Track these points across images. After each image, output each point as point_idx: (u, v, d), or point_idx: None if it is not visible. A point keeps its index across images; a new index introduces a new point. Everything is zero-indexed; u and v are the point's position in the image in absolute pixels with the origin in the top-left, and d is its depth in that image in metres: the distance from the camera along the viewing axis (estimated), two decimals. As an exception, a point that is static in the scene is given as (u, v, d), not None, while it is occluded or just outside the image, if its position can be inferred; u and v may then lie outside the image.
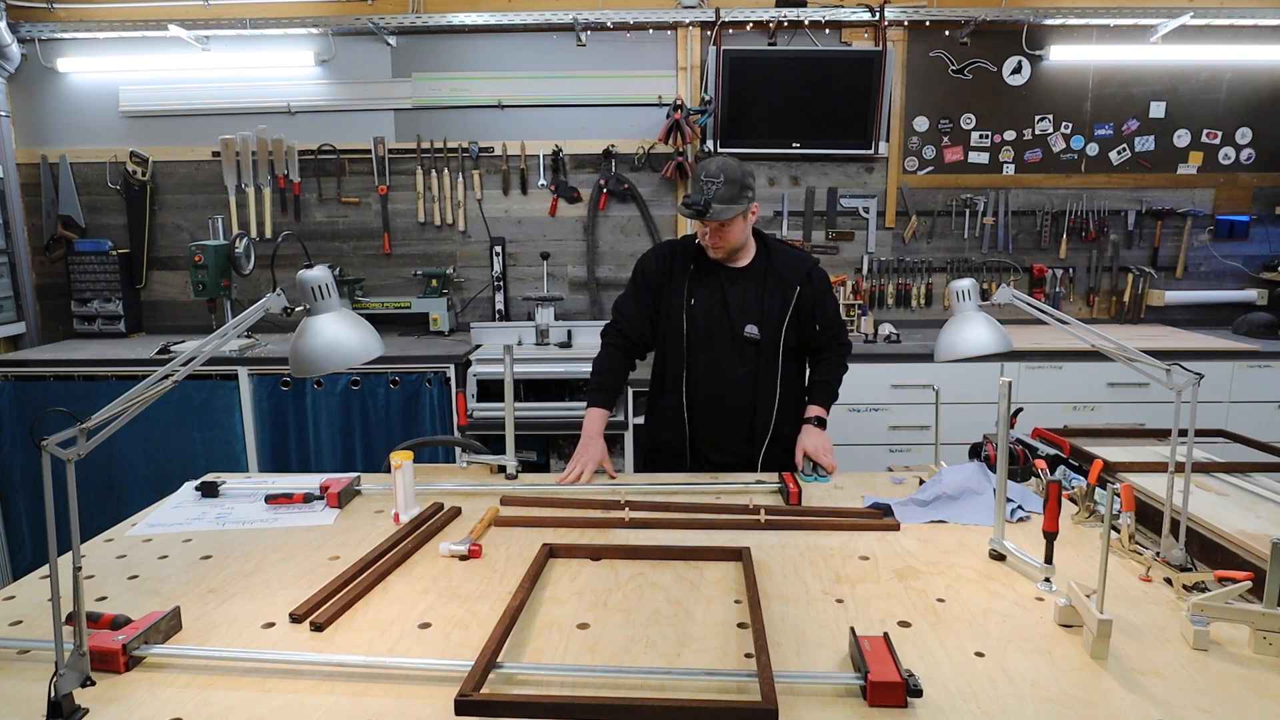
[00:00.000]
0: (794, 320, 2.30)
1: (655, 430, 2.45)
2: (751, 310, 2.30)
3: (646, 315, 2.39)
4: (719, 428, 2.36)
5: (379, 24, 3.95)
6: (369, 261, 4.32)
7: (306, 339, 1.60)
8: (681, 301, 2.31)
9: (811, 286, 2.32)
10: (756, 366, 2.30)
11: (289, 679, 1.26)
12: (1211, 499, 1.80)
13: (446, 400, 3.63)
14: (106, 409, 1.23)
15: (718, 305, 2.30)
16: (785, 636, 1.37)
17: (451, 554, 1.72)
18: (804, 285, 2.30)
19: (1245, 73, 4.12)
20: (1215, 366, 3.56)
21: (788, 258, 2.36)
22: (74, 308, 4.17)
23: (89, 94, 4.19)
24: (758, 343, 2.29)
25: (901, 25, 4.04)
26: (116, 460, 3.61)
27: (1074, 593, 1.38)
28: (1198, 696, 1.19)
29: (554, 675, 1.25)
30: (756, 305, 2.30)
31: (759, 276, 2.32)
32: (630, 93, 4.15)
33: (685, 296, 2.30)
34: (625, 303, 2.43)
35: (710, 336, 2.31)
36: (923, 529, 1.85)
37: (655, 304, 2.38)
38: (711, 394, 2.34)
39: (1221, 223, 4.23)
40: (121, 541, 1.83)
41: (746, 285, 2.31)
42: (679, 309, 2.31)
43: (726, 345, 2.31)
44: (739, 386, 2.32)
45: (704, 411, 2.35)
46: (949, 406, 2.25)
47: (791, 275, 2.30)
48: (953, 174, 4.22)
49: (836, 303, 2.47)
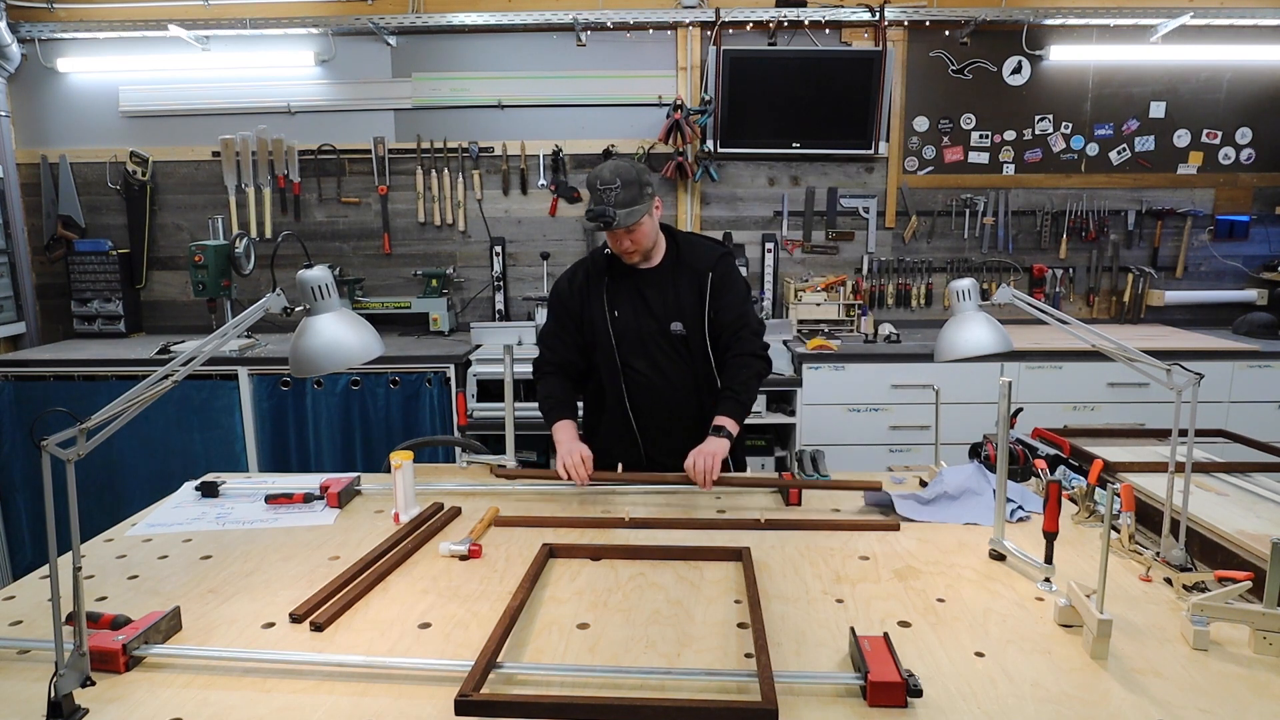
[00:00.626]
0: (713, 308, 2.25)
1: (604, 447, 2.28)
2: (672, 307, 2.26)
3: (573, 342, 2.33)
4: (669, 430, 2.29)
5: (379, 24, 3.95)
6: (369, 261, 4.32)
7: (306, 339, 1.60)
8: (605, 315, 2.26)
9: (720, 273, 2.26)
10: (690, 361, 2.27)
11: (289, 679, 1.26)
12: (1211, 499, 1.80)
13: (446, 400, 3.63)
14: (106, 409, 1.23)
15: (641, 310, 2.26)
16: (785, 636, 1.37)
17: (451, 554, 1.72)
18: (714, 272, 2.24)
19: (1245, 73, 4.12)
20: (1215, 366, 3.56)
21: (697, 248, 2.31)
22: (74, 308, 4.17)
23: (89, 94, 4.19)
24: (686, 338, 2.26)
25: (901, 25, 4.04)
26: (116, 460, 3.61)
27: (1074, 593, 1.38)
28: (1198, 696, 1.19)
29: (554, 675, 1.25)
30: (675, 301, 2.26)
31: (672, 273, 2.28)
32: (630, 93, 4.15)
33: (607, 309, 2.26)
34: (549, 334, 2.37)
35: (641, 343, 2.27)
36: (923, 529, 1.86)
37: (579, 328, 2.32)
38: (655, 399, 2.29)
39: (1221, 223, 4.23)
40: (121, 541, 1.84)
41: (663, 283, 2.27)
42: (603, 323, 2.26)
43: (658, 347, 2.27)
44: (679, 386, 2.28)
45: (651, 418, 2.30)
46: (949, 406, 2.25)
47: (702, 264, 2.26)
48: (953, 174, 4.22)
49: (745, 296, 2.34)
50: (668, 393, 2.29)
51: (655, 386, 2.28)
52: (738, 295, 2.29)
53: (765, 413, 3.67)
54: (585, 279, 2.31)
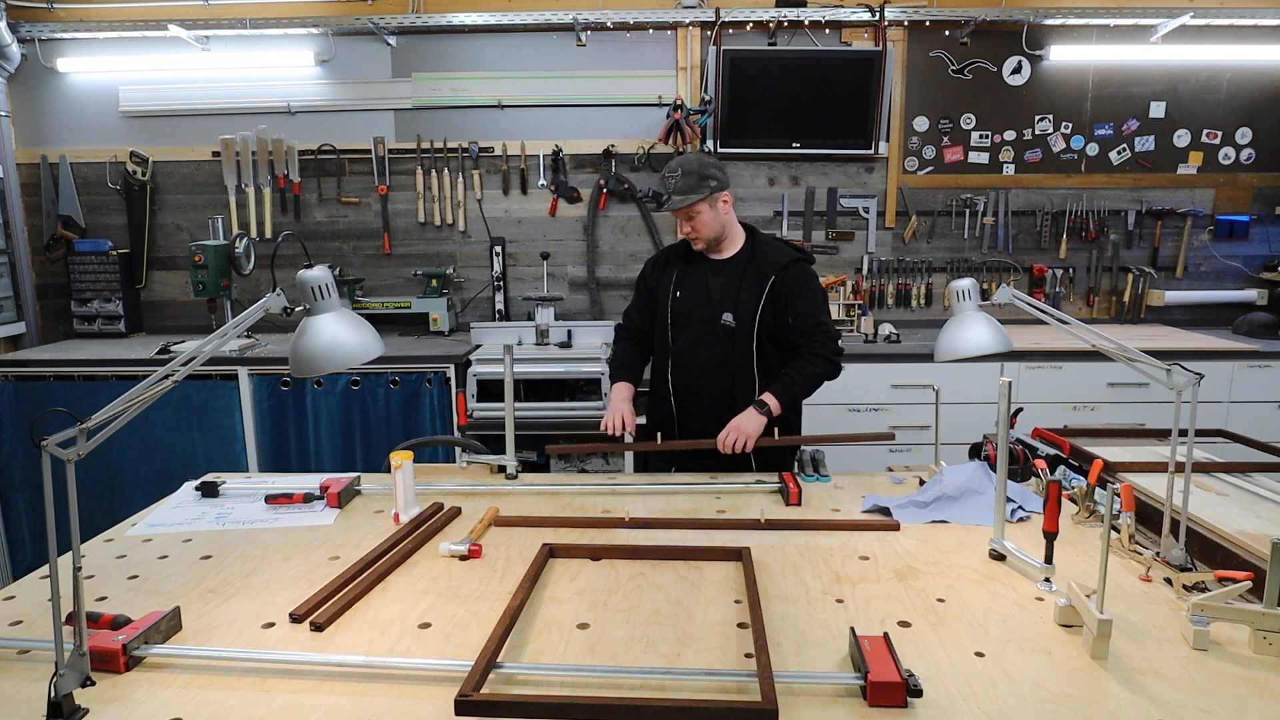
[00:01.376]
0: (770, 309, 2.36)
1: (649, 417, 2.60)
2: (730, 299, 2.39)
3: (647, 316, 2.56)
4: (701, 413, 2.43)
5: (379, 24, 3.95)
6: (369, 261, 4.32)
7: (306, 339, 1.60)
8: (669, 294, 2.46)
9: (788, 278, 2.37)
10: (733, 352, 2.38)
11: (289, 679, 1.26)
12: (1211, 499, 1.80)
13: (446, 400, 3.63)
14: (106, 409, 1.23)
15: (701, 295, 2.42)
16: (785, 636, 1.37)
17: (451, 554, 1.72)
18: (779, 275, 2.36)
19: (1245, 73, 4.12)
20: (1215, 366, 3.56)
21: (772, 250, 2.43)
22: (74, 308, 4.17)
23: (89, 94, 4.19)
24: (733, 330, 2.38)
25: (901, 25, 4.04)
26: (116, 460, 3.61)
27: (1074, 593, 1.38)
28: (1198, 696, 1.19)
29: (554, 675, 1.25)
30: (734, 294, 2.39)
31: (741, 268, 2.41)
32: (630, 93, 4.15)
33: (672, 290, 2.46)
34: (630, 305, 2.64)
35: (691, 325, 2.43)
36: (923, 529, 1.86)
37: (651, 302, 2.54)
38: (693, 379, 2.45)
39: (1221, 223, 4.23)
40: (121, 541, 1.84)
41: (729, 276, 2.41)
42: (665, 301, 2.46)
43: (705, 332, 2.41)
44: (717, 371, 2.41)
45: (688, 396, 2.47)
46: (949, 406, 2.25)
47: (769, 266, 2.38)
48: (953, 174, 4.22)
49: (820, 304, 2.41)
50: (704, 378, 2.43)
51: (695, 369, 2.44)
52: (812, 301, 2.39)
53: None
54: (666, 261, 2.53)
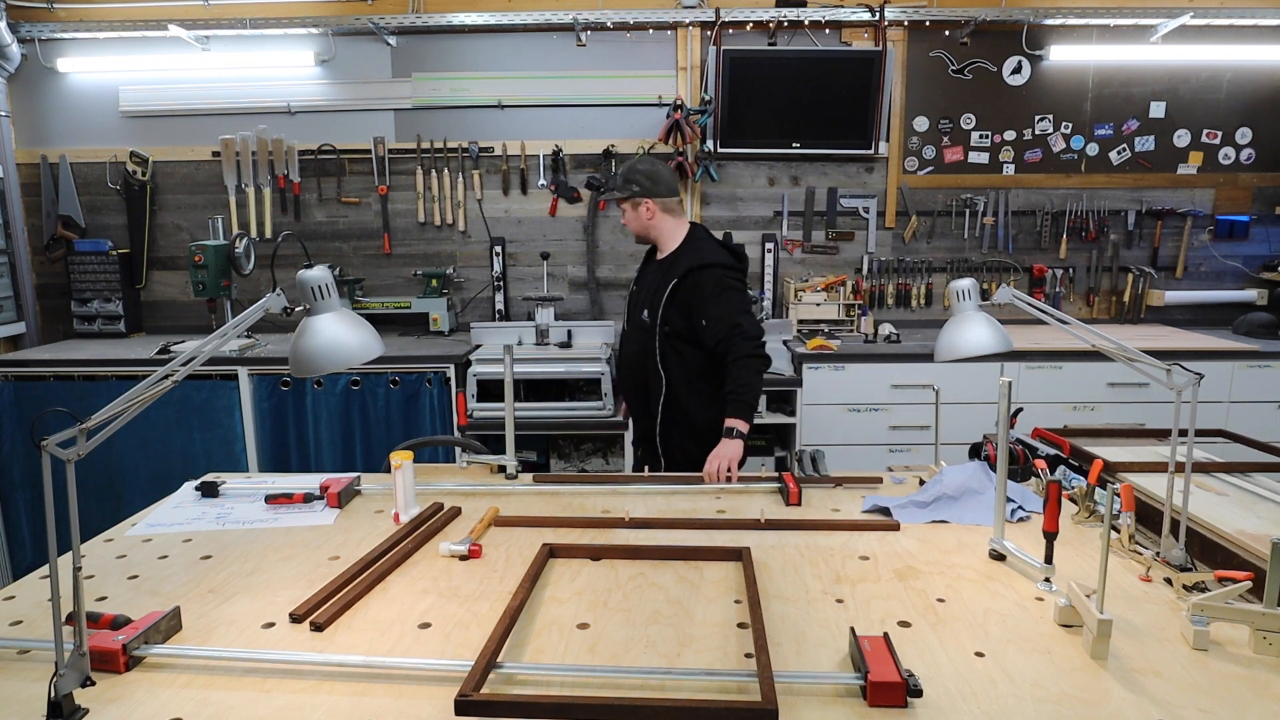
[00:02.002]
0: (675, 310, 2.46)
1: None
2: (649, 297, 2.54)
3: None
4: (630, 399, 2.73)
5: (379, 24, 3.95)
6: (369, 261, 4.32)
7: (306, 339, 1.60)
8: (631, 285, 2.74)
9: (690, 282, 2.44)
10: (646, 347, 2.54)
11: (289, 679, 1.26)
12: (1211, 499, 1.80)
13: (446, 400, 3.63)
14: (106, 409, 1.23)
15: (637, 291, 2.66)
16: (785, 636, 1.37)
17: (451, 554, 1.72)
18: (681, 279, 2.45)
19: (1245, 73, 4.12)
20: (1215, 366, 3.56)
21: (691, 253, 2.50)
22: (74, 308, 4.17)
23: (89, 94, 4.19)
24: (649, 326, 2.52)
25: (901, 25, 4.04)
26: (116, 460, 3.61)
27: (1074, 593, 1.38)
28: (1198, 696, 1.19)
29: (554, 675, 1.25)
30: (652, 293, 2.53)
31: (665, 268, 2.54)
32: (630, 93, 4.15)
33: (633, 282, 2.72)
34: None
35: (629, 318, 2.68)
36: (923, 529, 1.85)
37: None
38: (622, 368, 2.75)
39: (1221, 223, 4.23)
40: (121, 541, 1.84)
41: (657, 275, 2.56)
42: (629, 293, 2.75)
43: (633, 326, 2.63)
44: (636, 363, 2.60)
45: (622, 382, 2.78)
46: (949, 406, 2.25)
47: (678, 269, 2.48)
48: (953, 174, 4.22)
49: (733, 304, 2.42)
50: (629, 368, 2.68)
51: (624, 358, 2.72)
52: (721, 304, 2.42)
53: (765, 413, 3.67)
54: (645, 257, 2.73)
